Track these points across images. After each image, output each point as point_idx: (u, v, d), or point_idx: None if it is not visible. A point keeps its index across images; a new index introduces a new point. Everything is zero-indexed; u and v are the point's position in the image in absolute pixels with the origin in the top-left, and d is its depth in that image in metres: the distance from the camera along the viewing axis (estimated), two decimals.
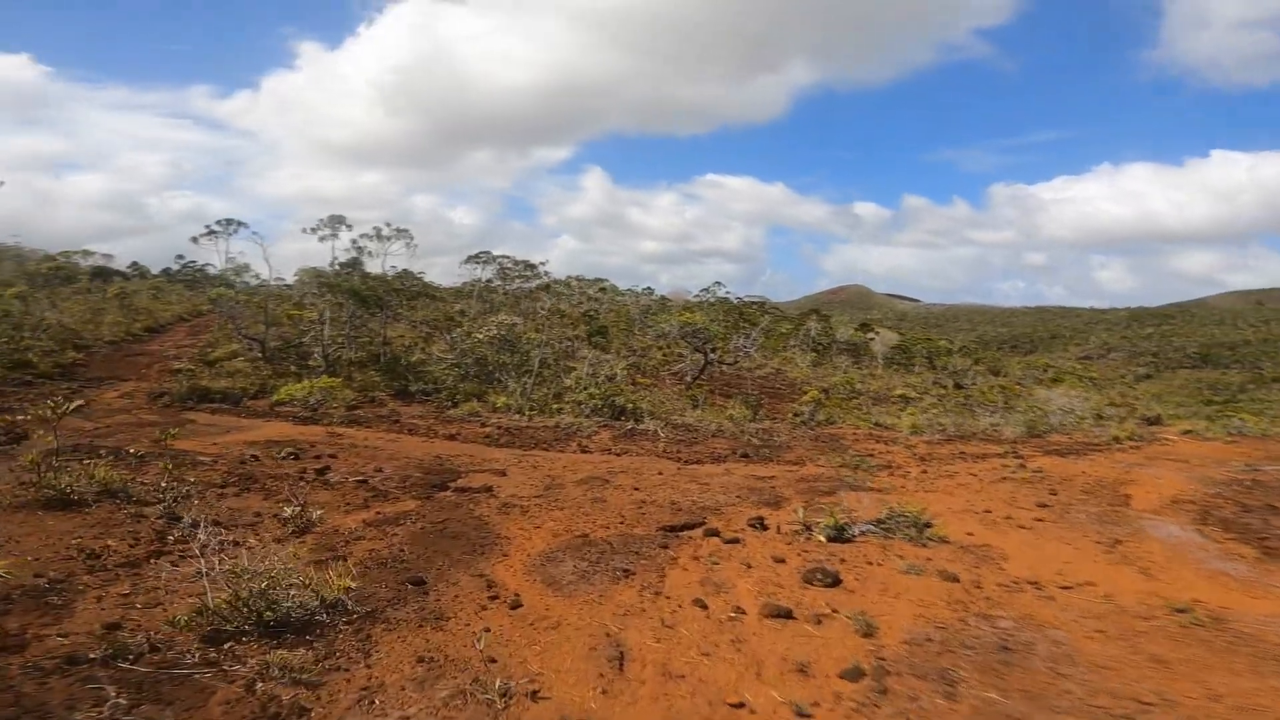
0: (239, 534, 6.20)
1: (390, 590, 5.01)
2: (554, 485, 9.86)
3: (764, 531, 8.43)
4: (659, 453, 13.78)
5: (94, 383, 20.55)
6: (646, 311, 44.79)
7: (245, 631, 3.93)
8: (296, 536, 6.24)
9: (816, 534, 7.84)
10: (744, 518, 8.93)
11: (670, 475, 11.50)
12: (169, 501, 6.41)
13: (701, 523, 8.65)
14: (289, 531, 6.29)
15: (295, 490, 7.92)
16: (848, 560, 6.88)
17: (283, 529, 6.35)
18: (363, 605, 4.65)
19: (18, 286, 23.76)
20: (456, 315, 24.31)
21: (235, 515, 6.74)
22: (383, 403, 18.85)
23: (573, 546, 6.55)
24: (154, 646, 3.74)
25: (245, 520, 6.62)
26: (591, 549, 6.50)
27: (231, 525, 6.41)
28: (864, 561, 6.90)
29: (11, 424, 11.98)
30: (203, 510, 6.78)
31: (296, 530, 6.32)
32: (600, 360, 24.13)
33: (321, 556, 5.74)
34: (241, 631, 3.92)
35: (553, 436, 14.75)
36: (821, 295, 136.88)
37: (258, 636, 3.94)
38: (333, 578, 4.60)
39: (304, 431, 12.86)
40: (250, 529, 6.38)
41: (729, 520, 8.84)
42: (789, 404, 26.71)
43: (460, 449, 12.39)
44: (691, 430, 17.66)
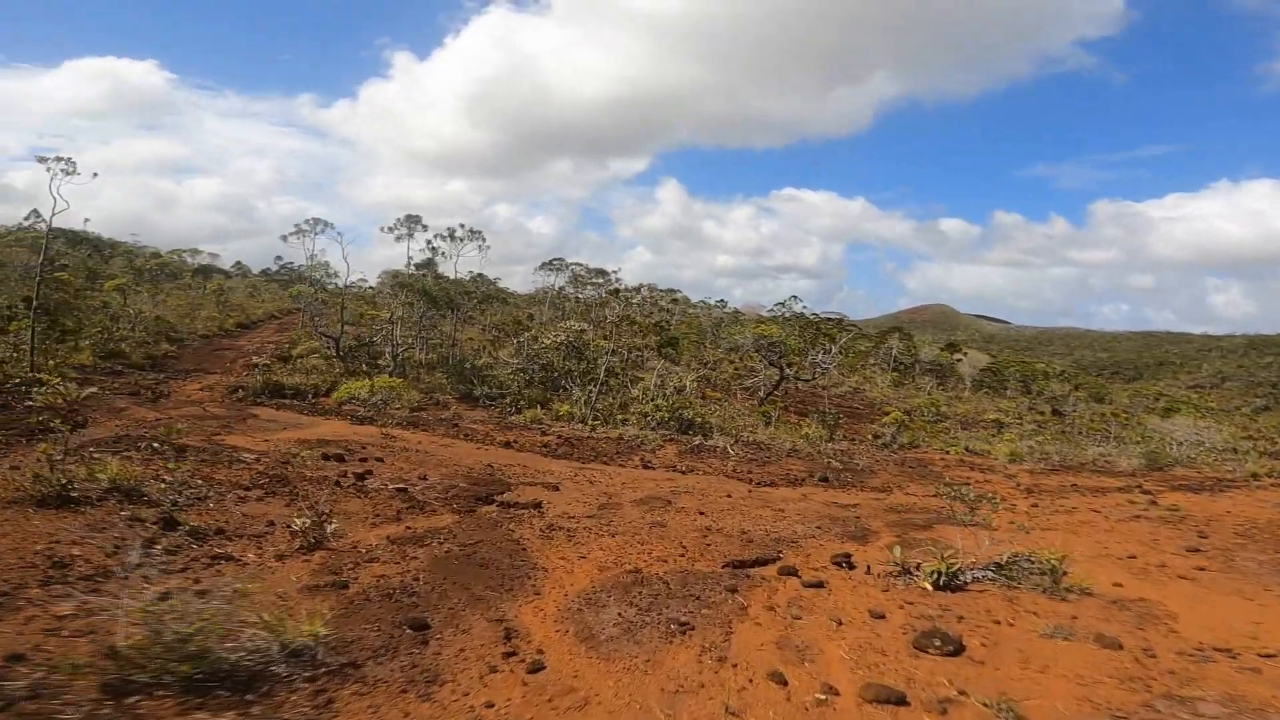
0: (240, 546, 5.32)
1: (382, 634, 3.94)
2: (609, 505, 8.69)
3: (851, 571, 7.00)
4: (728, 472, 12.43)
5: (181, 374, 20.98)
6: (719, 324, 43.34)
7: (162, 684, 2.92)
8: (304, 552, 5.31)
9: (921, 580, 6.35)
10: (826, 554, 7.51)
11: (740, 498, 10.15)
12: (168, 506, 5.60)
13: (776, 558, 7.29)
14: (296, 546, 5.36)
15: (323, 497, 7.07)
16: (967, 618, 5.37)
17: (290, 543, 5.42)
18: (339, 654, 3.58)
19: (118, 280, 24.80)
20: (525, 320, 23.77)
21: (246, 523, 5.90)
22: (446, 405, 18.29)
23: (621, 585, 5.33)
24: (36, 692, 2.79)
25: (254, 529, 5.75)
26: (643, 590, 5.27)
27: (236, 535, 5.55)
28: (988, 619, 5.37)
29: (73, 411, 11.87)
30: (215, 515, 5.97)
31: (306, 545, 5.39)
32: (669, 371, 22.96)
33: (321, 580, 4.76)
34: (157, 684, 2.92)
35: (615, 449, 13.63)
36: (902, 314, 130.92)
37: (178, 691, 2.93)
38: (302, 618, 3.56)
39: (358, 432, 12.24)
40: (256, 540, 5.49)
41: (809, 556, 7.43)
42: (868, 425, 24.70)
43: (515, 458, 11.43)
44: (764, 449, 16.18)
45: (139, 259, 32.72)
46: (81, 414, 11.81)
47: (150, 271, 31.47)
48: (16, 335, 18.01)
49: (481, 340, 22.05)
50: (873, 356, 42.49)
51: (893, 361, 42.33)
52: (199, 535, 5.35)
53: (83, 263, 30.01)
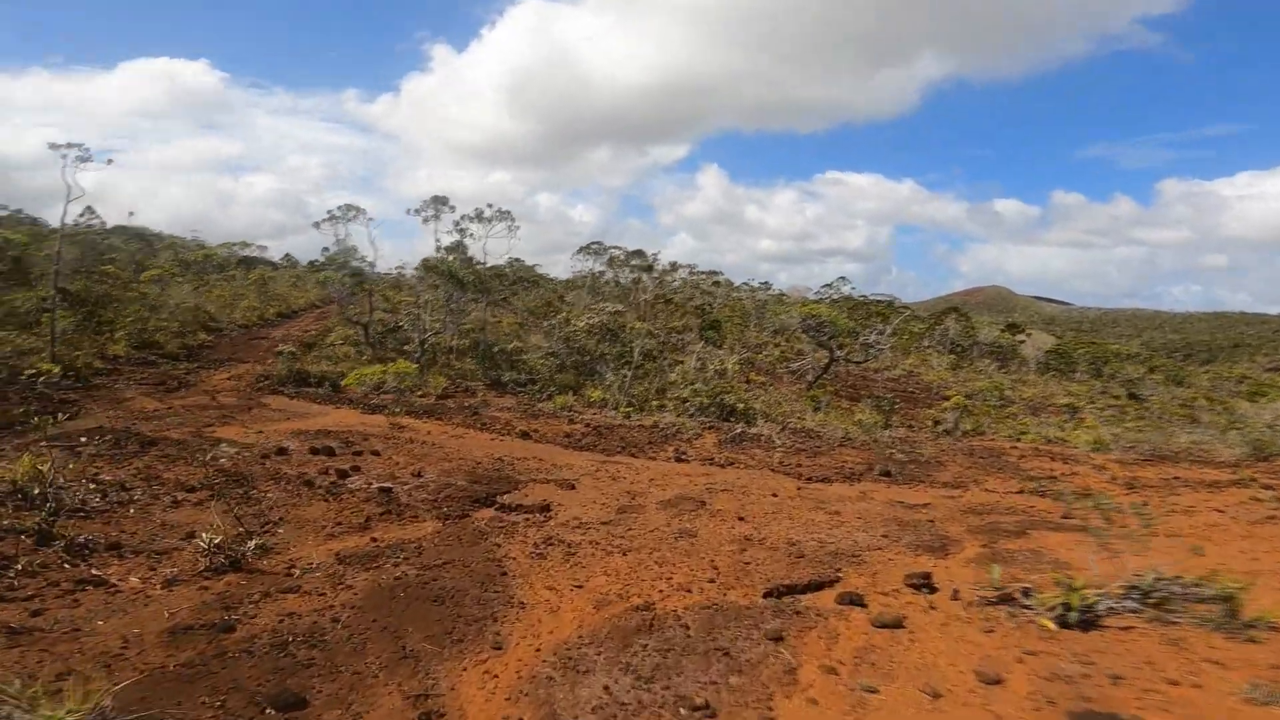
0: (128, 566, 4.04)
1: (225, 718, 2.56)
2: (630, 508, 7.21)
3: (933, 597, 5.38)
4: (773, 465, 10.80)
5: (213, 364, 20.40)
6: (763, 307, 41.32)
7: None
8: (210, 576, 3.99)
9: (1040, 616, 4.67)
10: (898, 572, 5.90)
11: (788, 498, 8.53)
12: (44, 515, 4.35)
13: (834, 579, 5.72)
14: (202, 568, 4.03)
15: (279, 500, 5.79)
16: (1125, 677, 3.67)
17: (196, 563, 4.11)
18: None
19: (155, 270, 24.52)
20: (557, 302, 22.50)
21: (158, 535, 4.64)
22: (474, 392, 17.10)
23: (621, 633, 3.84)
24: None
25: (164, 544, 4.49)
26: (651, 641, 3.77)
27: (135, 551, 4.29)
28: (1158, 678, 3.68)
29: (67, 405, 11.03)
30: (125, 525, 4.71)
31: (215, 566, 4.06)
32: (710, 355, 21.31)
33: (202, 619, 3.43)
34: None
35: (646, 439, 12.14)
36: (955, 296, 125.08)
37: None
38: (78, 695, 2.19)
39: (366, 422, 11.07)
40: (156, 559, 4.21)
41: (875, 576, 5.84)
42: (926, 410, 22.61)
43: (531, 450, 10.05)
44: (813, 437, 14.44)
45: (186, 252, 32.84)
46: (77, 405, 10.98)
47: (197, 264, 31.46)
48: (50, 328, 17.58)
49: (511, 323, 20.88)
50: (927, 338, 39.77)
51: (949, 344, 39.58)
52: (83, 551, 4.10)
53: (131, 256, 30.12)
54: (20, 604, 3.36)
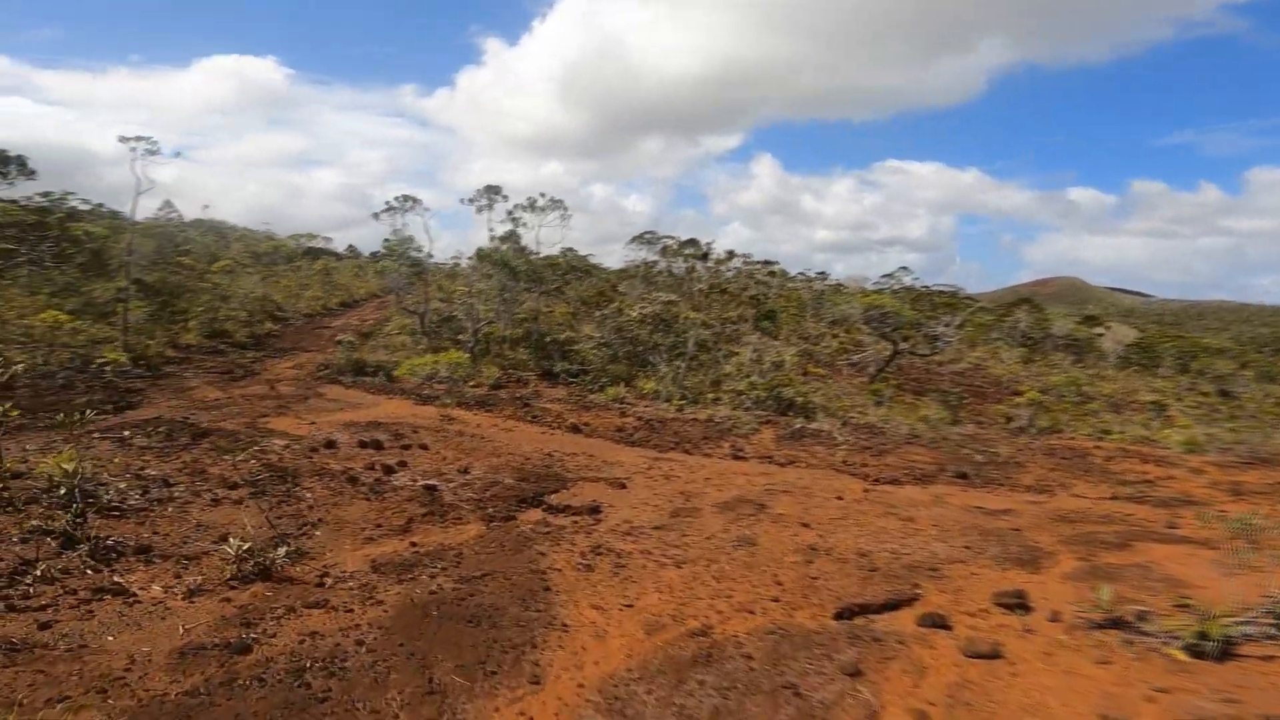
0: (153, 573, 3.79)
1: None
2: (685, 511, 6.73)
3: (1027, 618, 4.75)
4: (837, 464, 10.12)
5: (278, 353, 20.89)
6: (820, 297, 40.00)
7: None
8: (236, 585, 3.70)
9: (1168, 646, 3.97)
10: (985, 589, 5.25)
11: (854, 501, 7.88)
12: (68, 518, 4.14)
13: (913, 597, 5.11)
14: (227, 576, 3.75)
15: (320, 500, 5.54)
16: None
17: (222, 570, 3.84)
18: None
19: (224, 262, 25.33)
20: (610, 291, 22.15)
21: (190, 538, 4.41)
22: (526, 382, 16.92)
23: (674, 665, 3.37)
24: None
25: (194, 547, 4.25)
26: (708, 675, 3.29)
27: (163, 556, 4.05)
28: None
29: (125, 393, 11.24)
30: (158, 526, 4.51)
31: (243, 575, 3.78)
32: (766, 346, 20.57)
33: (219, 637, 3.12)
34: None
35: (701, 434, 11.61)
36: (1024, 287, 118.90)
37: None
38: None
39: (417, 413, 10.91)
40: (183, 564, 3.97)
41: (959, 594, 5.20)
42: (995, 405, 21.29)
43: (582, 445, 9.68)
44: (877, 434, 13.62)
45: (256, 243, 34.01)
46: (142, 394, 11.19)
47: (267, 255, 32.49)
48: (123, 317, 18.26)
49: (564, 313, 20.63)
50: (996, 330, 37.73)
51: (1020, 336, 37.47)
52: (109, 555, 3.86)
53: (206, 248, 31.30)
54: (31, 614, 3.14)
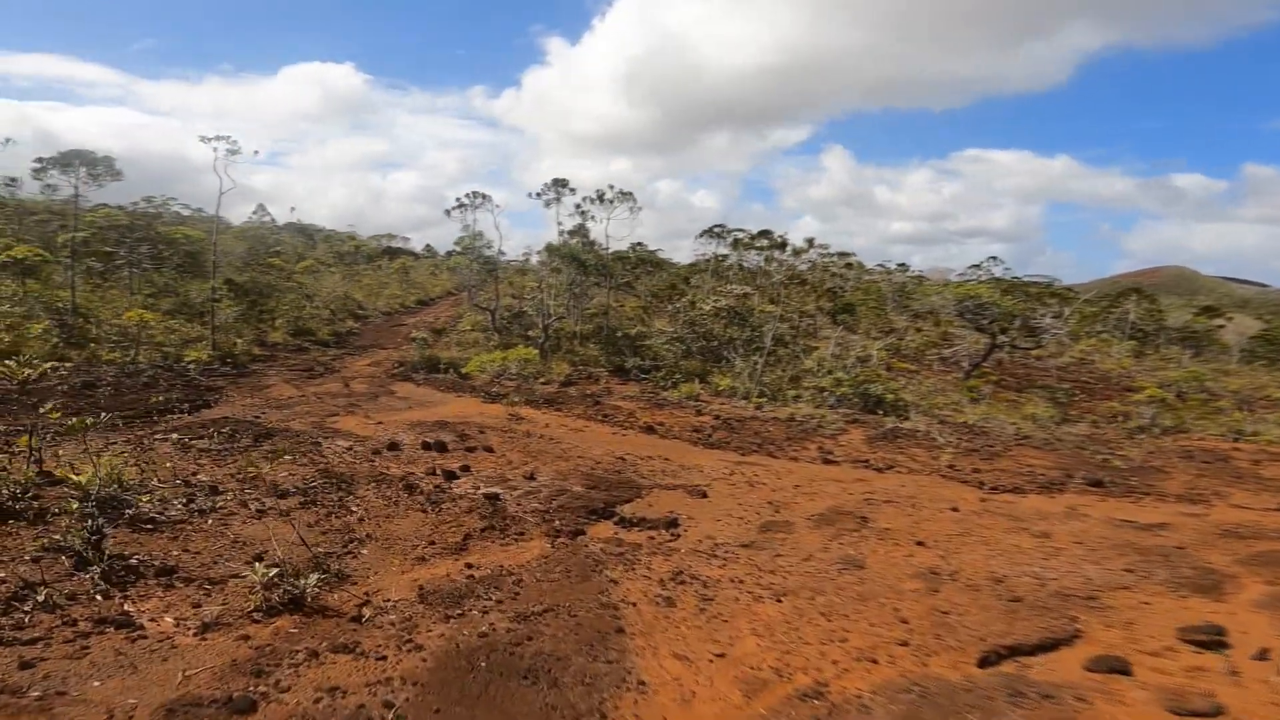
0: (169, 600, 3.24)
1: None
2: (775, 525, 5.82)
3: (1228, 657, 3.69)
4: (942, 469, 8.92)
5: (358, 350, 21.15)
6: (902, 290, 37.76)
7: None
8: (260, 618, 3.09)
9: None
10: (1161, 620, 4.18)
11: (971, 513, 6.75)
12: (83, 535, 3.64)
13: (1073, 634, 4.12)
14: (251, 607, 3.15)
15: (374, 510, 4.97)
16: None
17: (249, 599, 3.24)
18: None
19: (307, 262, 26.00)
20: (682, 284, 21.27)
21: (222, 556, 3.90)
22: (597, 379, 16.31)
23: None
24: None
25: (223, 568, 3.70)
26: None
27: (187, 579, 3.52)
28: None
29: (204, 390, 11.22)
30: (193, 541, 4.01)
31: (270, 605, 3.18)
32: (848, 340, 19.20)
33: (223, 689, 2.48)
34: None
35: (784, 434, 10.61)
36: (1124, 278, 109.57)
37: None
38: None
39: (484, 412, 10.41)
40: (209, 590, 3.40)
41: (1131, 627, 4.15)
42: (1105, 402, 19.14)
43: (657, 447, 8.88)
44: (980, 434, 12.20)
45: (339, 244, 35.12)
46: (220, 392, 11.16)
47: (349, 254, 33.44)
48: (211, 317, 18.84)
49: (635, 307, 19.92)
50: (1100, 322, 34.53)
51: (1129, 328, 34.17)
52: (126, 577, 3.34)
53: (294, 249, 32.46)
54: (18, 649, 2.63)
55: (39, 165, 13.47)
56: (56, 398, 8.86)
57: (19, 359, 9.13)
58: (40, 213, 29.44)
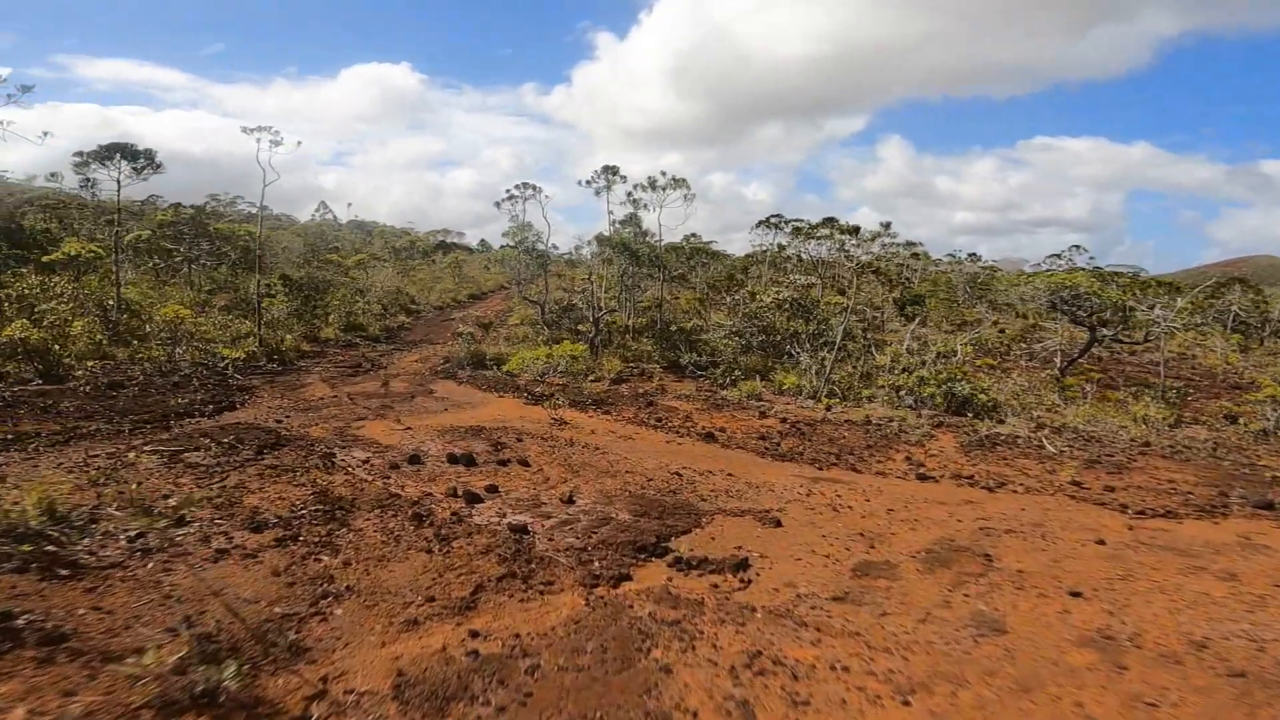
0: (25, 688, 2.19)
1: None
2: (873, 566, 4.50)
3: None
4: (1063, 485, 7.33)
5: (408, 346, 20.62)
6: (973, 280, 35.15)
7: None
8: None
9: None
10: None
11: (1124, 546, 5.25)
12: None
13: None
14: (135, 704, 2.09)
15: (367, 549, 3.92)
16: None
17: (143, 690, 2.18)
18: None
19: (360, 255, 25.72)
20: (741, 274, 19.84)
21: (139, 618, 2.86)
22: (650, 375, 15.13)
23: None
24: None
25: (128, 640, 2.67)
26: None
27: (74, 653, 2.51)
28: None
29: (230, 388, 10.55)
30: (106, 597, 3.02)
31: (164, 703, 2.11)
32: (923, 334, 17.43)
33: None
34: None
35: (863, 441, 9.16)
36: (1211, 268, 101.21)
37: None
38: None
39: (525, 415, 9.36)
40: (92, 674, 2.36)
41: None
42: (1215, 402, 16.79)
43: (718, 459, 7.61)
44: (1092, 441, 10.43)
45: (394, 239, 35.15)
46: (252, 392, 10.48)
47: (404, 249, 33.32)
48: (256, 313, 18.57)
49: (691, 300, 18.64)
50: (1200, 314, 31.20)
51: (1230, 321, 30.80)
52: None
53: (353, 246, 32.48)
54: None
55: (79, 159, 13.17)
56: (75, 400, 8.28)
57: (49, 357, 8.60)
58: (114, 212, 30.43)
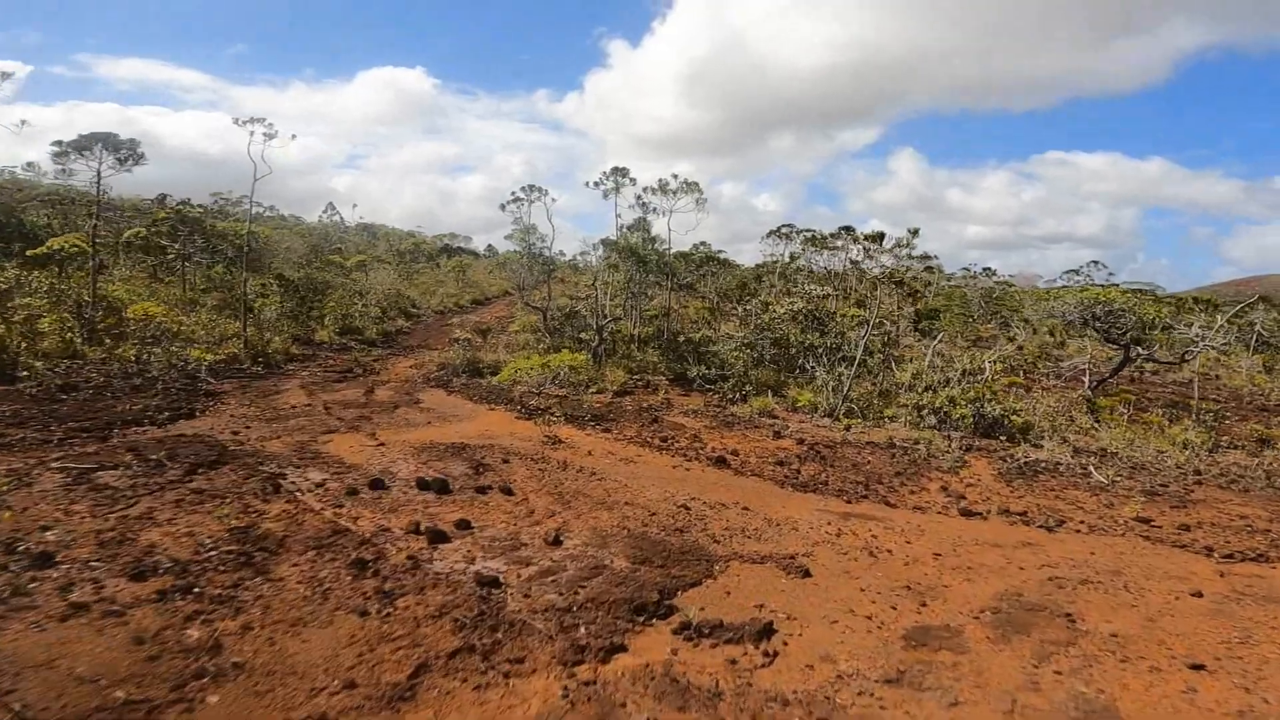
0: None
1: None
2: (930, 633, 3.55)
3: None
4: (1127, 522, 6.34)
5: (404, 350, 19.74)
6: (989, 296, 34.16)
7: None
8: None
9: None
10: None
11: (1225, 599, 4.27)
12: None
13: None
14: None
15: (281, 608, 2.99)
16: None
17: None
18: None
19: (359, 256, 24.95)
20: (753, 283, 18.93)
21: None
22: (656, 388, 14.19)
23: None
24: None
25: None
26: None
27: None
28: None
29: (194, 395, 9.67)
30: None
31: None
32: (945, 350, 16.45)
33: None
34: None
35: (890, 467, 8.19)
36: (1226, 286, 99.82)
37: None
38: None
39: (516, 431, 8.43)
40: None
41: None
42: (1245, 424, 15.77)
43: (731, 488, 6.66)
44: (1136, 467, 9.41)
45: (399, 241, 34.42)
46: (219, 399, 9.61)
47: (409, 252, 32.55)
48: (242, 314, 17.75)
49: (700, 310, 17.72)
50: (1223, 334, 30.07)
51: (1255, 340, 29.67)
52: None
53: (356, 247, 31.78)
54: None
55: (58, 149, 12.42)
56: (16, 403, 7.42)
57: None
58: (125, 209, 29.88)
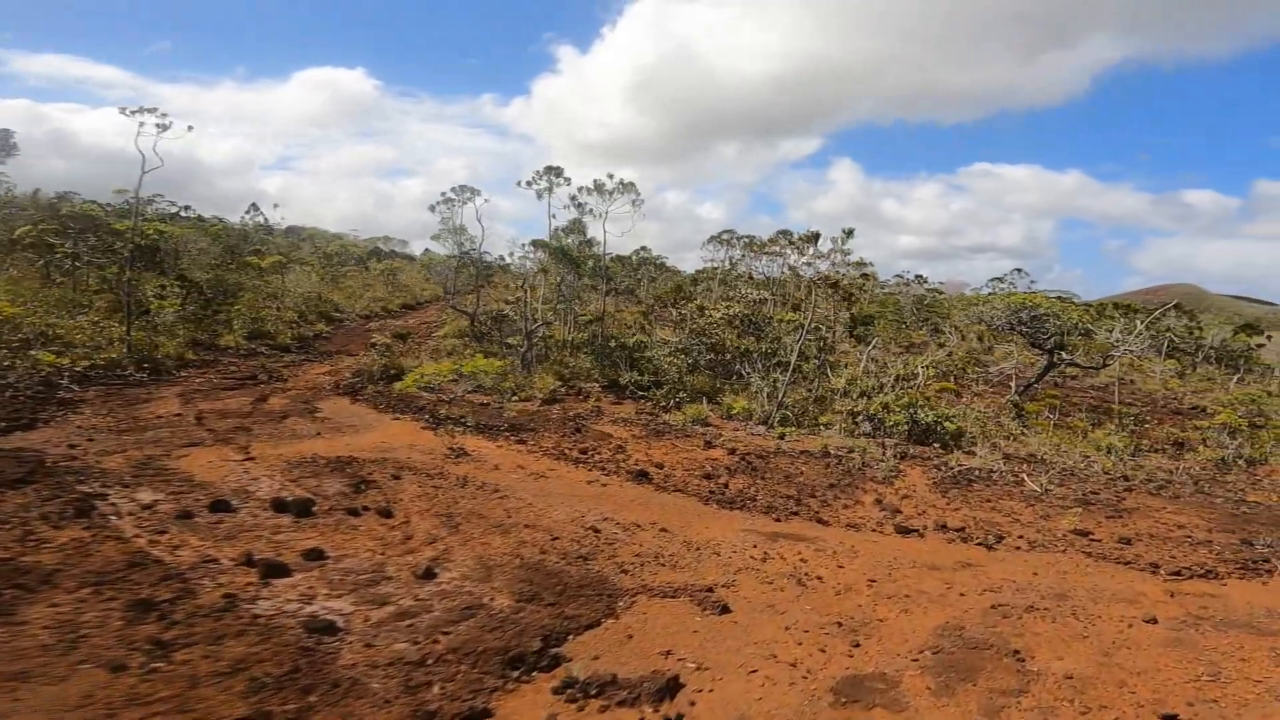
0: None
1: None
2: (862, 683, 2.92)
3: None
4: (1066, 535, 5.96)
5: (321, 356, 18.32)
6: (921, 302, 34.92)
7: None
8: None
9: None
10: None
11: (1181, 624, 3.83)
12: None
13: None
14: None
15: None
16: None
17: None
18: None
19: (274, 258, 23.28)
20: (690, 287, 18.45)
21: None
22: (588, 395, 13.44)
23: None
24: None
25: None
26: None
27: None
28: None
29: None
30: None
31: None
32: (879, 356, 16.32)
33: None
34: None
35: (824, 478, 7.67)
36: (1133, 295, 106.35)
37: None
38: None
39: (418, 442, 7.52)
40: None
41: None
42: (1160, 427, 16.26)
43: (650, 506, 5.96)
44: (1065, 474, 9.24)
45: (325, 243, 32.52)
46: (73, 406, 8.33)
47: (336, 255, 30.74)
48: (155, 316, 16.09)
49: (636, 315, 17.09)
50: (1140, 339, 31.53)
51: (1166, 347, 31.19)
52: None
53: (278, 249, 29.81)
54: None
55: None
56: None
57: None
58: (26, 206, 27.22)
